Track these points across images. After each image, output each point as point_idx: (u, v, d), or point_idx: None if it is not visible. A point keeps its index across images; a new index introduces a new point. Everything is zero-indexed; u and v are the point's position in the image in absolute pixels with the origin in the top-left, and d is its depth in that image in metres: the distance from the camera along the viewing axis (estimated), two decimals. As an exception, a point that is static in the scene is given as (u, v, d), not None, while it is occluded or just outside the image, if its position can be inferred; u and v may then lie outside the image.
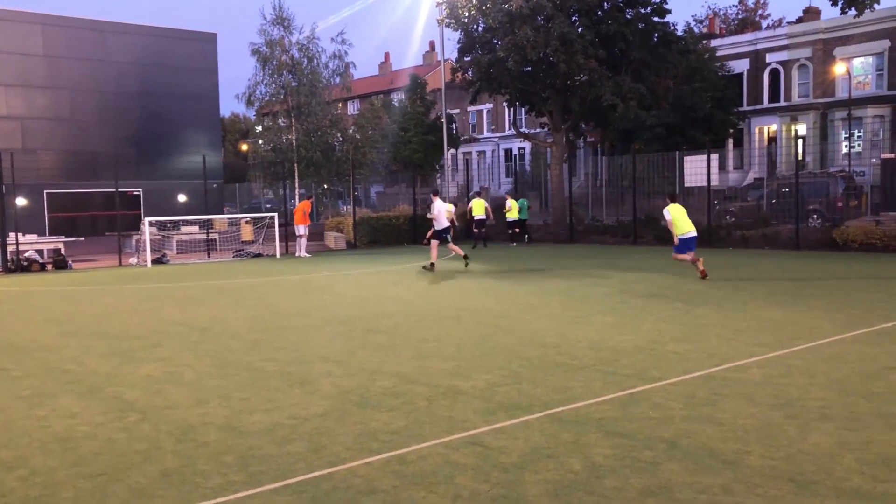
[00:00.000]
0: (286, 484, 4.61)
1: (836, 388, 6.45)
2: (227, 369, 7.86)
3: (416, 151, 43.31)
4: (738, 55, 42.10)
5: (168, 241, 26.13)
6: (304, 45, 33.83)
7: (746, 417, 5.70)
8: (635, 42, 27.53)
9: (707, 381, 6.78)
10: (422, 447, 5.22)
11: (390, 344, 9.00)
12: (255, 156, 38.56)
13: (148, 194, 40.27)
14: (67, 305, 13.62)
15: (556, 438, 5.33)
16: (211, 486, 4.62)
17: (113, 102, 40.79)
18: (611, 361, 7.70)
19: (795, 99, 40.54)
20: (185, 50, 43.16)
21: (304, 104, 33.09)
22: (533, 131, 41.13)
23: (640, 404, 6.12)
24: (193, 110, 43.15)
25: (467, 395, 6.56)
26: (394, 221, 28.32)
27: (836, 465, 4.70)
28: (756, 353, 7.85)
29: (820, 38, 39.63)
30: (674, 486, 4.42)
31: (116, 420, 6.10)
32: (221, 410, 6.29)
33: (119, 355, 8.76)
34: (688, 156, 25.17)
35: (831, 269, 16.02)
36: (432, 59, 62.83)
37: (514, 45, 26.32)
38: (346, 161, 32.76)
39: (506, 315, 10.97)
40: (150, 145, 41.22)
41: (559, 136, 30.15)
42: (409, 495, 4.39)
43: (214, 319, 11.33)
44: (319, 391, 6.83)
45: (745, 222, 24.22)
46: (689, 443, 5.16)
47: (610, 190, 32.97)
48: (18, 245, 21.82)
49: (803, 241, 20.75)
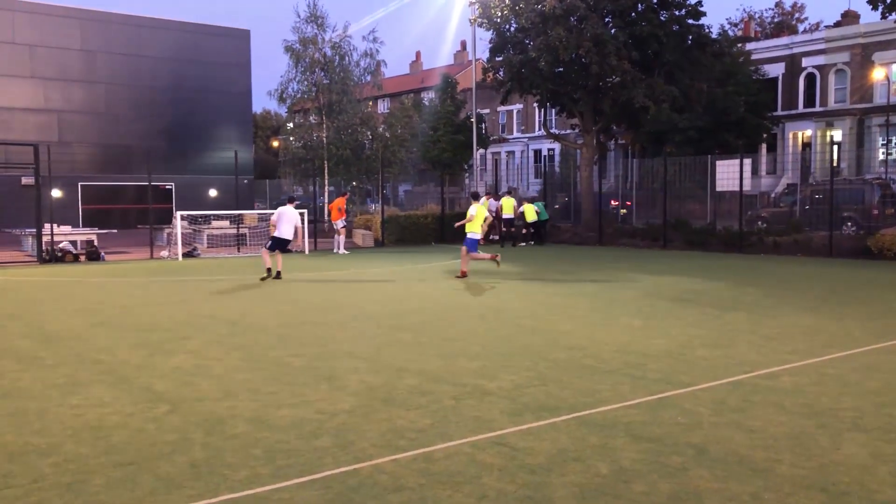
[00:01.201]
0: (313, 479, 4.63)
1: (870, 399, 6.33)
2: (255, 363, 7.93)
3: (444, 151, 43.29)
4: (773, 59, 41.59)
5: (199, 235, 26.38)
6: (336, 43, 34.02)
7: (777, 425, 5.62)
8: (669, 44, 27.31)
9: (737, 388, 6.70)
10: (448, 446, 5.22)
11: (416, 342, 9.01)
12: (286, 152, 38.87)
13: (179, 188, 40.75)
14: (100, 296, 13.82)
15: (583, 441, 5.30)
16: (238, 478, 4.66)
17: (147, 97, 41.34)
18: (639, 365, 7.64)
19: (831, 104, 39.94)
20: (219, 46, 43.60)
21: (336, 102, 33.29)
22: (563, 132, 40.97)
23: (668, 409, 6.06)
24: (226, 106, 43.59)
25: (494, 395, 6.54)
26: (422, 220, 28.35)
27: (869, 476, 4.61)
28: (787, 361, 7.74)
29: (859, 43, 39.01)
30: (702, 492, 4.37)
31: (146, 410, 6.17)
32: (250, 404, 6.34)
33: (149, 347, 8.86)
34: (720, 160, 24.90)
35: (865, 277, 15.75)
36: (463, 59, 62.81)
37: (546, 46, 26.24)
38: (376, 159, 32.90)
39: (532, 316, 10.93)
40: (183, 140, 41.70)
41: (590, 138, 30.00)
42: (434, 494, 4.39)
43: (243, 313, 11.43)
44: (346, 387, 6.85)
45: (776, 228, 23.90)
46: (719, 449, 5.10)
47: (640, 193, 32.72)
48: (53, 236, 22.18)
49: (837, 249, 20.42)
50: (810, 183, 31.40)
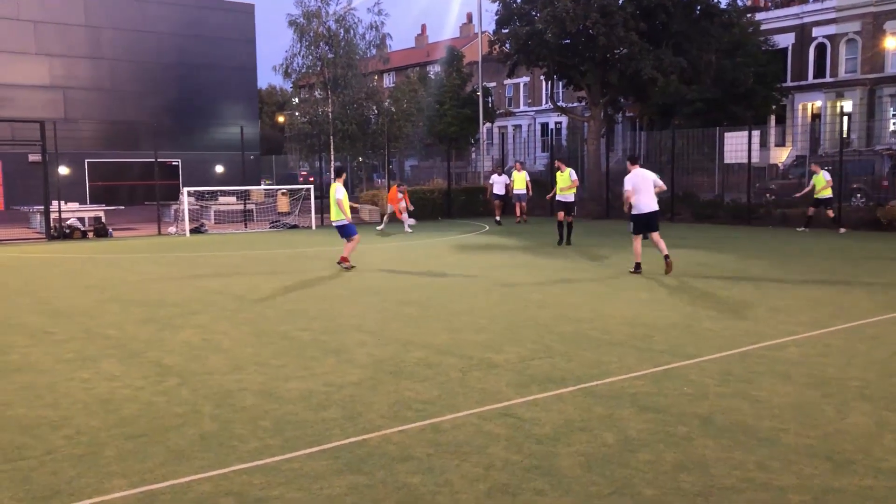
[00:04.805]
0: (322, 449, 4.68)
1: (875, 369, 6.34)
2: (263, 337, 7.98)
3: (451, 125, 43.12)
4: (783, 29, 41.05)
5: (206, 211, 26.44)
6: (341, 16, 33.75)
7: (783, 395, 5.64)
8: (677, 15, 26.98)
9: (743, 359, 6.72)
10: (455, 417, 5.26)
11: (423, 316, 9.04)
12: (292, 128, 38.74)
13: (186, 165, 40.78)
14: (108, 272, 13.89)
15: (589, 412, 5.33)
16: (248, 449, 4.71)
17: (152, 73, 41.25)
18: (645, 337, 7.66)
19: (842, 74, 39.48)
20: (223, 21, 43.38)
21: (341, 76, 33.08)
22: (570, 105, 40.70)
23: (674, 380, 6.08)
24: (231, 82, 43.46)
25: (500, 367, 6.57)
26: (428, 195, 28.28)
27: (874, 445, 4.63)
28: (794, 332, 7.75)
29: (870, 12, 38.43)
30: (708, 461, 4.40)
31: (156, 384, 6.23)
32: (258, 377, 6.39)
33: (158, 321, 8.93)
34: (728, 132, 24.71)
35: (874, 249, 15.68)
36: (469, 32, 62.29)
37: (553, 17, 25.96)
38: (382, 134, 32.76)
39: (538, 289, 10.94)
40: (189, 116, 41.65)
41: (597, 111, 29.79)
42: (442, 463, 4.43)
43: (251, 288, 11.47)
44: (354, 360, 6.90)
45: (785, 200, 23.77)
46: (724, 419, 5.13)
47: (648, 165, 32.55)
48: (61, 213, 22.26)
49: (846, 220, 20.30)
50: (819, 155, 31.15)
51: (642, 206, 12.13)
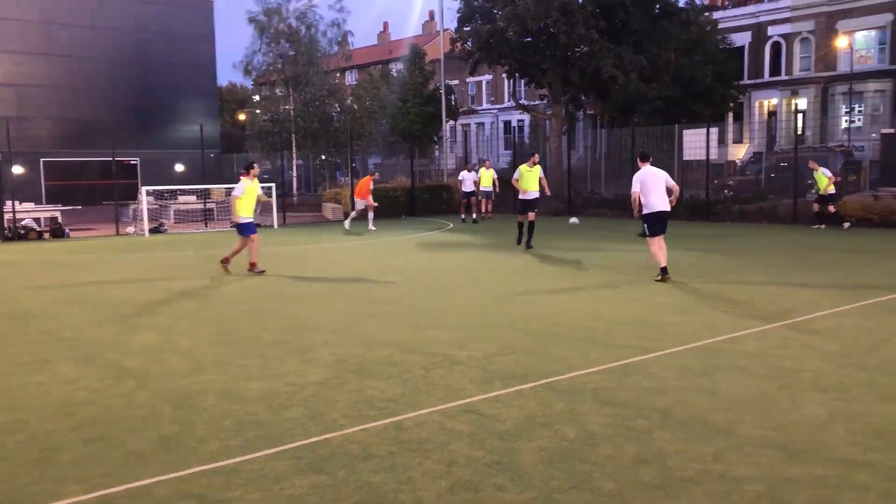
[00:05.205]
0: (283, 449, 4.66)
1: (830, 360, 6.49)
2: (225, 337, 7.90)
3: (414, 123, 43.03)
4: (739, 28, 41.75)
5: (165, 211, 26.05)
6: (302, 13, 33.53)
7: (740, 388, 5.75)
8: (636, 13, 27.28)
9: (702, 353, 6.83)
10: (418, 414, 5.27)
11: (388, 314, 9.03)
12: (253, 126, 38.39)
13: (145, 164, 40.14)
14: (65, 273, 13.63)
15: (550, 407, 5.38)
16: (209, 450, 4.67)
17: (109, 70, 40.52)
18: (607, 332, 7.74)
19: (797, 73, 40.29)
20: (182, 17, 42.77)
21: (302, 74, 32.88)
22: (532, 103, 40.90)
23: (634, 375, 6.16)
24: (190, 79, 42.89)
25: (464, 364, 6.60)
26: (392, 193, 28.22)
27: (827, 434, 4.75)
28: (752, 325, 7.90)
29: (823, 11, 39.27)
30: (666, 454, 4.47)
31: (114, 386, 6.14)
32: (219, 377, 6.33)
33: (117, 323, 8.78)
34: (687, 129, 25.07)
35: (828, 243, 16.04)
36: (432, 29, 62.22)
37: (514, 15, 26.08)
38: (344, 132, 32.62)
39: (503, 287, 10.99)
40: (147, 114, 41.00)
41: (558, 109, 29.99)
42: (405, 461, 4.43)
43: (213, 288, 11.35)
44: (317, 360, 6.86)
45: (743, 196, 24.19)
46: (683, 412, 5.21)
47: (609, 163, 32.87)
48: (15, 213, 21.77)
49: (801, 216, 20.74)
50: (775, 151, 31.76)
51: (655, 204, 11.03)
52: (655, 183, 11.09)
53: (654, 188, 11.07)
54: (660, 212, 11.05)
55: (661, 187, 11.10)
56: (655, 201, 11.04)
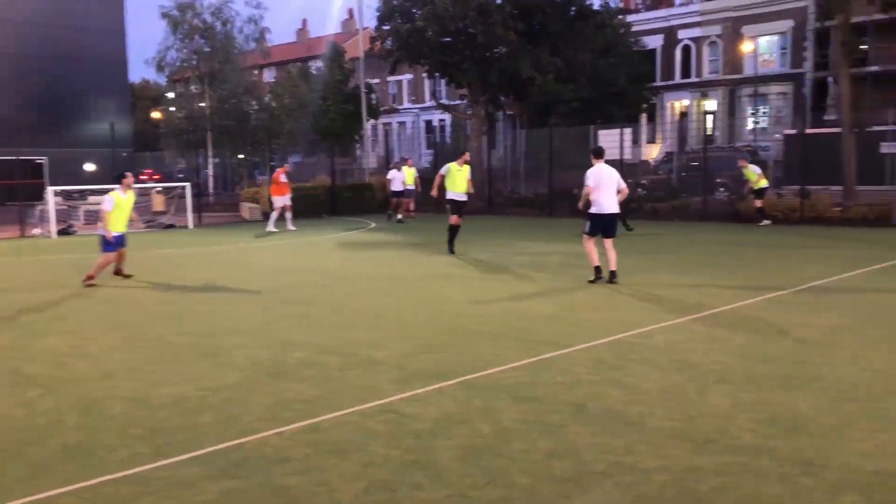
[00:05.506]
0: (195, 455, 4.55)
1: (735, 353, 6.76)
2: (135, 342, 7.66)
3: (334, 121, 42.60)
4: (652, 31, 43.01)
5: (75, 212, 25.03)
6: (217, 8, 32.81)
7: (650, 381, 5.92)
8: (553, 15, 27.75)
9: (615, 347, 7.01)
10: (335, 416, 5.23)
11: (305, 315, 8.93)
12: (168, 124, 37.34)
13: (53, 163, 38.45)
14: (-37, 278, 12.95)
15: (467, 405, 5.42)
16: (117, 458, 4.52)
17: (13, 64, 38.68)
18: (525, 329, 7.86)
19: (706, 75, 41.78)
20: (90, 10, 41.22)
21: (218, 70, 32.17)
22: (453, 103, 41.11)
23: (549, 370, 6.27)
24: (100, 75, 41.35)
25: (382, 364, 6.58)
26: (312, 192, 27.89)
27: (730, 424, 4.94)
28: (662, 320, 8.15)
29: (730, 16, 40.84)
30: (579, 447, 4.57)
31: (15, 395, 5.87)
32: (129, 383, 6.13)
33: (18, 328, 8.41)
34: (602, 129, 25.65)
35: (734, 239, 16.69)
36: (351, 27, 61.71)
37: (433, 15, 26.15)
38: (262, 130, 32.07)
39: (423, 285, 11.02)
40: (55, 111, 39.33)
41: (478, 109, 30.24)
42: (321, 462, 4.40)
43: (123, 291, 10.98)
44: (231, 363, 6.73)
45: (656, 195, 24.91)
46: (596, 406, 5.34)
47: (528, 163, 33.34)
48: None
49: (710, 213, 21.52)
50: (686, 151, 32.84)
51: (604, 205, 10.83)
52: (608, 183, 10.93)
53: (606, 188, 10.89)
54: (607, 214, 10.93)
55: (612, 188, 10.93)
56: (605, 202, 10.88)
